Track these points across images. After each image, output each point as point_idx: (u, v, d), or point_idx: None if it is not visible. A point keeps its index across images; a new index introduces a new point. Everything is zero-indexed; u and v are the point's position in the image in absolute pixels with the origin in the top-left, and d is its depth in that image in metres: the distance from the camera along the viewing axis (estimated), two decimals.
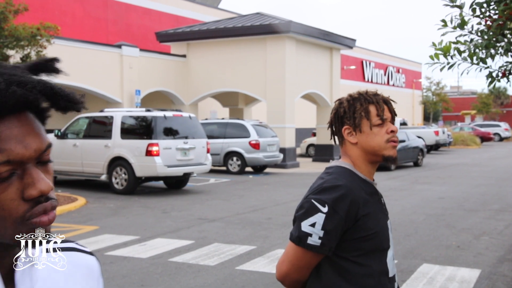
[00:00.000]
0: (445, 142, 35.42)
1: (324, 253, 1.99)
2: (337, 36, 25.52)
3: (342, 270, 2.00)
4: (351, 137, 2.11)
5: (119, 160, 14.02)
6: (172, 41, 24.72)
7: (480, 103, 71.29)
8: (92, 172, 14.58)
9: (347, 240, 1.99)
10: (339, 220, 1.95)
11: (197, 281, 6.50)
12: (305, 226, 1.97)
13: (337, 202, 1.96)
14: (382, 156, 2.09)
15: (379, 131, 2.08)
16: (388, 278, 2.08)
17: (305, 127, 34.78)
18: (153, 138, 13.61)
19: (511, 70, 5.62)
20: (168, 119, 14.09)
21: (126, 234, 9.11)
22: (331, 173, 2.08)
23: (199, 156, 14.71)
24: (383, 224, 2.09)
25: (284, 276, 2.08)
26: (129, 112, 14.57)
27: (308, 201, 2.01)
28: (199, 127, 15.06)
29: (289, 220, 10.45)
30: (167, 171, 13.77)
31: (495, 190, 15.25)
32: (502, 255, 7.84)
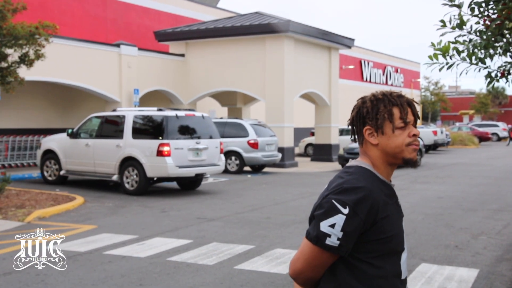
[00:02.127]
0: (444, 142, 35.44)
1: (341, 254, 1.98)
2: (335, 35, 25.53)
3: (357, 270, 2.00)
4: (372, 138, 2.08)
5: (130, 160, 13.80)
6: (170, 40, 24.71)
7: (478, 103, 71.36)
8: (104, 172, 14.37)
9: (364, 241, 1.99)
10: (359, 222, 1.94)
11: (195, 280, 6.50)
12: (324, 226, 1.96)
13: (358, 204, 1.94)
14: (402, 158, 2.07)
15: (401, 134, 2.05)
16: (400, 280, 2.08)
17: (304, 126, 34.77)
18: (164, 138, 13.41)
19: (510, 70, 5.62)
20: (180, 119, 13.87)
21: (124, 233, 9.10)
22: (351, 173, 2.06)
23: (212, 157, 14.45)
24: (399, 227, 2.09)
25: (298, 273, 2.07)
26: (141, 111, 14.35)
27: (328, 201, 1.99)
28: (212, 127, 14.80)
29: (288, 219, 10.46)
30: (178, 171, 13.54)
31: (494, 189, 15.27)
32: (501, 255, 7.85)
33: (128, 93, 20.96)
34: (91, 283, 6.33)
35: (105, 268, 6.96)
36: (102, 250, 7.89)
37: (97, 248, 8.01)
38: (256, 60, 22.85)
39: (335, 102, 26.31)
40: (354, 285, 1.99)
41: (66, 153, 15.29)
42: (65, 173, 15.34)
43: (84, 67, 19.35)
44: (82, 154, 14.76)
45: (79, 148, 14.84)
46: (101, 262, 7.24)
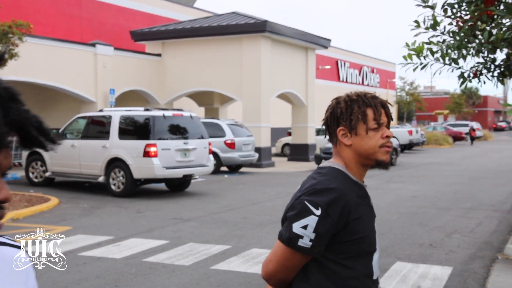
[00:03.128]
0: (419, 141, 35.84)
1: (313, 256, 1.98)
2: (312, 36, 25.63)
3: (329, 271, 2.00)
4: (346, 138, 2.07)
5: (117, 162, 13.52)
6: (147, 40, 24.57)
7: (452, 103, 72.32)
8: (90, 173, 14.09)
9: (336, 242, 1.99)
10: (331, 224, 1.94)
11: (171, 281, 6.47)
12: (296, 227, 1.95)
13: (330, 205, 1.94)
14: (375, 160, 2.07)
15: (374, 135, 2.05)
16: (372, 281, 2.08)
17: (281, 126, 34.85)
18: (151, 139, 13.14)
19: (482, 70, 5.71)
20: (167, 119, 13.61)
21: (99, 234, 9.02)
22: (324, 173, 2.05)
23: (201, 157, 14.21)
24: (371, 228, 2.09)
25: (270, 275, 2.07)
26: (127, 111, 14.07)
27: (300, 202, 1.98)
28: (201, 127, 14.57)
29: (265, 219, 10.48)
30: (165, 173, 13.29)
31: (467, 188, 15.48)
32: (473, 253, 7.96)
33: (103, 93, 20.78)
34: (65, 285, 6.26)
35: (80, 269, 6.89)
36: (77, 252, 7.80)
37: (71, 249, 7.93)
38: (233, 60, 22.83)
39: (312, 102, 26.41)
40: (326, 286, 2.00)
41: (51, 154, 15.03)
42: (50, 175, 15.03)
43: (59, 66, 19.13)
44: (67, 155, 14.42)
45: (65, 149, 14.49)
46: (76, 263, 7.17)
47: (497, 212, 11.45)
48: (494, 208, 11.95)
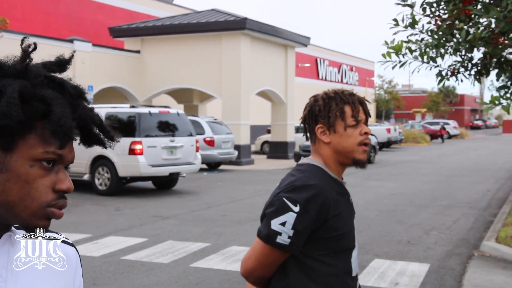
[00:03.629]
0: (397, 139, 36.14)
1: (292, 252, 1.97)
2: (291, 33, 25.67)
3: (308, 268, 2.00)
4: (324, 136, 2.07)
5: (102, 159, 13.36)
6: (125, 36, 24.37)
7: (430, 102, 73.07)
8: (75, 171, 13.75)
9: (315, 239, 1.98)
10: (310, 220, 1.94)
11: (150, 279, 6.44)
12: (275, 224, 1.95)
13: (308, 202, 1.93)
14: (353, 158, 2.07)
15: (353, 132, 2.05)
16: (351, 277, 2.09)
17: (260, 124, 34.88)
18: (136, 136, 12.99)
19: (459, 69, 5.77)
20: (153, 116, 13.43)
21: (77, 232, 8.93)
22: (302, 170, 2.05)
23: (188, 155, 14.04)
24: (351, 224, 2.09)
25: (249, 272, 2.06)
26: (113, 108, 13.88)
27: (279, 199, 1.97)
28: (188, 125, 14.37)
29: (244, 217, 10.48)
30: (151, 171, 13.13)
31: (444, 186, 15.65)
32: (450, 250, 8.06)
33: None
34: None
35: None
36: None
37: None
38: (212, 57, 22.77)
39: (291, 100, 26.47)
40: (305, 283, 1.99)
41: None
42: None
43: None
44: None
45: None
46: None
47: (473, 210, 11.60)
48: (470, 206, 12.10)
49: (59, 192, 1.11)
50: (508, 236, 8.19)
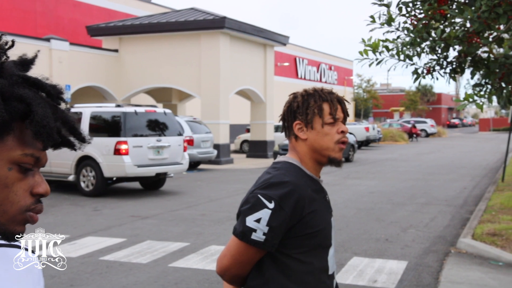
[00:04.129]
0: (375, 138, 36.40)
1: (267, 249, 1.97)
2: (270, 33, 25.70)
3: (284, 266, 2.00)
4: (302, 132, 2.08)
5: (87, 160, 13.13)
6: (103, 35, 24.18)
7: (408, 100, 73.69)
8: (60, 172, 13.61)
9: (290, 237, 1.98)
10: (285, 217, 1.94)
11: (129, 280, 6.40)
12: (250, 221, 1.95)
13: (283, 199, 1.94)
14: (328, 157, 2.07)
15: (330, 130, 2.06)
16: (327, 276, 2.09)
17: (239, 123, 34.88)
18: (122, 136, 12.75)
19: (435, 67, 5.84)
20: (139, 115, 13.18)
21: (55, 233, 8.83)
22: (278, 168, 2.06)
23: (175, 155, 13.81)
24: (327, 222, 2.09)
25: (224, 270, 2.06)
26: (98, 107, 13.66)
27: (254, 196, 1.98)
28: (175, 124, 14.15)
29: (223, 216, 10.47)
30: (137, 171, 12.90)
31: (422, 184, 15.81)
32: (428, 247, 8.14)
33: None
34: None
35: None
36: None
37: None
38: (191, 56, 22.70)
39: (270, 99, 26.51)
40: (282, 281, 1.99)
41: None
42: None
43: None
44: None
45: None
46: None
47: (450, 207, 11.73)
48: (447, 203, 12.24)
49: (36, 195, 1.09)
50: (484, 233, 8.31)
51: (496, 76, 5.74)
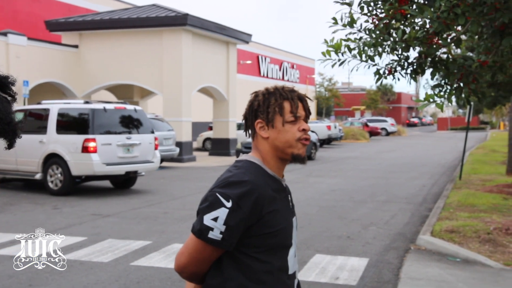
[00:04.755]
0: (337, 136, 36.78)
1: (224, 248, 1.96)
2: (233, 30, 25.67)
3: (243, 265, 1.99)
4: (263, 131, 2.08)
5: (54, 158, 12.74)
6: (63, 30, 23.74)
7: (369, 99, 74.70)
8: (26, 170, 13.22)
9: (249, 236, 1.98)
10: (242, 216, 1.93)
11: (89, 279, 6.31)
12: (207, 219, 1.94)
13: (241, 198, 1.93)
14: (291, 154, 2.07)
15: (291, 128, 2.06)
16: (287, 275, 2.08)
17: (202, 121, 34.74)
18: (90, 133, 12.36)
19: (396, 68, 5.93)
20: (108, 112, 12.79)
21: (13, 232, 8.65)
22: (239, 167, 2.05)
23: (146, 153, 13.45)
24: (288, 222, 2.08)
25: (182, 268, 2.04)
26: (66, 104, 13.26)
27: (212, 194, 1.97)
28: (146, 121, 13.79)
29: (186, 214, 10.42)
30: (105, 169, 12.53)
31: (382, 182, 16.05)
32: (388, 244, 8.27)
33: (17, 85, 19.88)
34: None
35: None
36: None
37: None
38: (153, 53, 22.49)
39: (233, 96, 26.49)
40: (240, 280, 1.99)
41: None
42: None
43: None
44: (3, 151, 13.44)
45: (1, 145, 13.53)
46: None
47: (410, 205, 11.94)
48: (407, 201, 12.46)
49: None
50: (443, 230, 8.49)
51: (455, 77, 5.87)
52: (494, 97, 20.06)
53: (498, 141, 36.61)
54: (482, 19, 5.36)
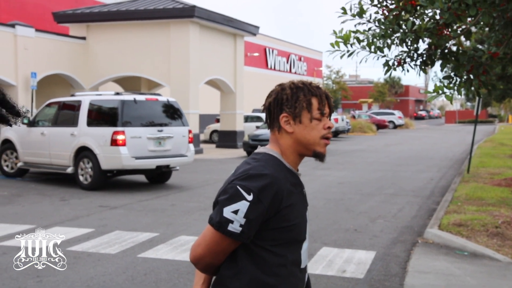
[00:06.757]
0: (344, 129, 36.69)
1: (242, 241, 1.97)
2: (240, 22, 25.59)
3: (257, 258, 2.00)
4: (288, 126, 2.07)
5: (85, 151, 12.40)
6: (70, 22, 23.74)
7: (376, 92, 74.41)
8: (59, 164, 12.95)
9: (266, 229, 1.98)
10: (262, 210, 1.94)
11: (97, 270, 6.32)
12: (227, 212, 1.94)
13: (262, 191, 1.93)
14: (314, 151, 2.08)
15: (317, 125, 2.07)
16: (299, 269, 2.10)
17: (209, 113, 34.71)
18: (118, 126, 11.93)
19: (405, 59, 5.88)
20: (139, 104, 12.33)
21: (21, 223, 8.68)
22: (258, 159, 2.04)
23: (179, 147, 12.90)
24: (303, 216, 2.09)
25: (198, 259, 2.04)
26: (98, 96, 13.00)
27: (233, 186, 1.96)
28: (179, 113, 13.21)
29: (193, 206, 10.42)
30: (135, 163, 12.05)
31: (390, 175, 15.99)
32: (395, 237, 8.24)
33: (25, 76, 19.95)
34: None
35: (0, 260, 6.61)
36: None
37: None
38: (160, 45, 22.46)
39: (240, 89, 26.44)
40: (254, 272, 1.99)
41: (23, 143, 13.78)
42: (23, 165, 13.90)
43: None
44: (38, 144, 13.30)
45: (36, 138, 13.36)
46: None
47: (417, 198, 11.89)
48: (414, 194, 12.40)
49: None
50: (450, 223, 8.44)
51: (465, 69, 5.81)
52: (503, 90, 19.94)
53: (506, 135, 36.43)
54: (494, 10, 5.29)
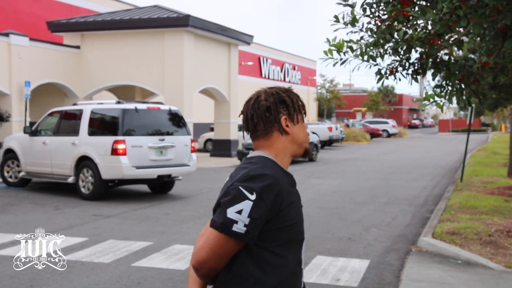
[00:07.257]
0: (338, 137, 36.75)
1: (247, 241, 1.98)
2: (235, 31, 25.67)
3: (260, 260, 2.01)
4: (287, 127, 2.15)
5: (86, 160, 12.26)
6: (65, 31, 23.74)
7: (370, 101, 74.62)
8: (60, 173, 12.86)
9: (268, 230, 2.01)
10: (265, 209, 1.97)
11: (90, 279, 6.31)
12: (231, 212, 1.96)
13: (264, 191, 1.97)
14: (305, 148, 2.19)
15: (303, 125, 2.20)
16: (300, 268, 2.14)
17: (203, 122, 34.73)
18: (119, 135, 11.78)
19: (397, 68, 5.93)
20: (140, 112, 12.17)
21: (14, 232, 8.65)
22: (254, 162, 2.08)
23: (181, 156, 12.68)
24: (301, 215, 2.14)
25: (202, 263, 2.03)
26: (99, 105, 12.80)
27: (235, 188, 1.99)
28: (181, 122, 13.03)
29: (187, 215, 10.42)
30: (135, 172, 11.86)
31: (383, 184, 16.03)
32: (389, 246, 8.26)
33: (18, 85, 19.92)
34: None
35: None
36: None
37: None
38: (155, 54, 22.49)
39: (234, 98, 26.49)
40: (257, 275, 2.01)
41: (25, 152, 13.75)
42: (25, 175, 13.85)
43: None
44: (40, 153, 13.26)
45: (37, 147, 13.33)
46: None
47: (411, 206, 11.93)
48: (408, 203, 12.44)
49: None
50: (444, 232, 8.48)
51: (456, 78, 5.85)
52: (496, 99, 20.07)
53: (499, 143, 36.58)
54: (484, 21, 5.35)
